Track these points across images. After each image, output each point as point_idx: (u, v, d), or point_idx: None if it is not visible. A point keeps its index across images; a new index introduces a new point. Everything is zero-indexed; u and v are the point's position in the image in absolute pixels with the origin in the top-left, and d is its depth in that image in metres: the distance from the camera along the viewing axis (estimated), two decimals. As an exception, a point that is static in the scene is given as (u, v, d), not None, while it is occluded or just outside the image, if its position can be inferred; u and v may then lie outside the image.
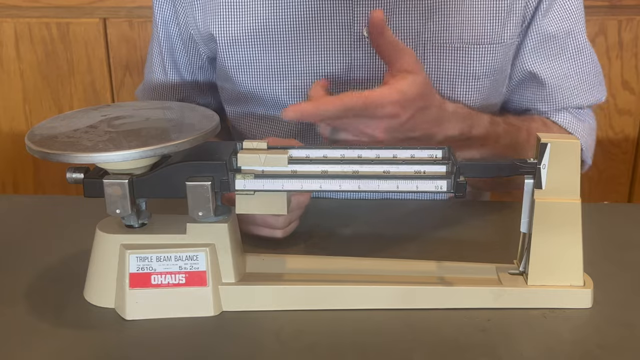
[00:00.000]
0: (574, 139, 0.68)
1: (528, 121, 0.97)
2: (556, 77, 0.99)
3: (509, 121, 0.93)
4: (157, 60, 1.05)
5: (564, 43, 0.98)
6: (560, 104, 1.00)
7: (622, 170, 1.72)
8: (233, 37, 0.95)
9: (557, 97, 1.00)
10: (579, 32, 0.98)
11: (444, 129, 0.81)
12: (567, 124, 1.01)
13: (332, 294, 0.70)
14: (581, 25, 0.99)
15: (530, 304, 0.70)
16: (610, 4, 1.57)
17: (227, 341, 0.66)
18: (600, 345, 0.64)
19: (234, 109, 1.04)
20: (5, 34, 1.65)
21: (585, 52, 1.00)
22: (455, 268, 0.74)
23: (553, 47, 0.97)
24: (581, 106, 1.03)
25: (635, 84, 1.64)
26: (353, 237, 0.86)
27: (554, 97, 1.00)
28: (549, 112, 1.01)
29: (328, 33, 0.93)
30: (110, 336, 0.67)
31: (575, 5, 0.97)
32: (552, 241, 0.69)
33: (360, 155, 0.69)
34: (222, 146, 0.70)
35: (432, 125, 0.79)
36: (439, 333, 0.66)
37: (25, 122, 1.73)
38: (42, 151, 0.63)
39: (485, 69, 0.94)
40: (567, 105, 1.01)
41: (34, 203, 1.00)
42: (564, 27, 0.97)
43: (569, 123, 1.01)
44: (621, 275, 0.76)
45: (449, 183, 0.65)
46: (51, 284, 0.75)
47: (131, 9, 1.61)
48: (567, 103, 1.01)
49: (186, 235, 0.69)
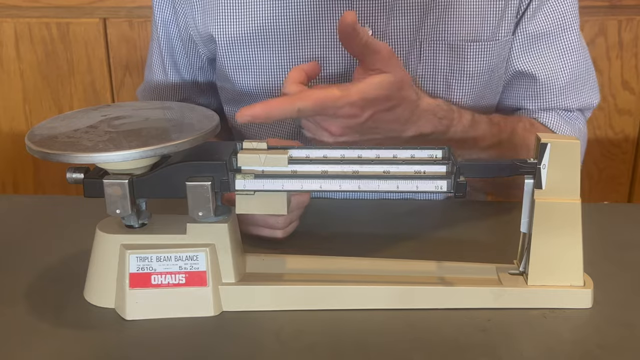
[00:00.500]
0: (574, 139, 0.68)
1: (514, 121, 0.95)
2: (545, 73, 0.97)
3: (494, 121, 0.92)
4: (157, 61, 1.06)
5: (554, 40, 0.96)
6: (549, 102, 0.99)
7: (622, 170, 1.72)
8: (232, 37, 0.95)
9: (545, 94, 0.98)
10: (571, 29, 0.97)
11: (413, 127, 0.80)
12: (554, 125, 0.99)
13: (332, 294, 0.70)
14: (574, 23, 0.97)
15: (530, 304, 0.70)
16: (610, 4, 1.57)
17: (227, 341, 0.66)
18: (600, 345, 0.64)
19: (233, 109, 1.04)
20: (5, 34, 1.65)
21: (577, 51, 0.98)
22: (455, 268, 0.74)
23: (542, 44, 0.96)
24: (570, 109, 1.01)
25: (635, 84, 1.64)
26: (353, 237, 0.86)
27: (542, 95, 0.98)
28: (537, 110, 1.00)
29: (327, 32, 0.93)
30: (110, 336, 0.67)
31: (567, 3, 0.96)
32: (552, 241, 0.69)
33: (360, 155, 0.69)
34: (222, 146, 0.70)
35: (398, 124, 0.78)
36: (439, 333, 0.66)
37: (25, 122, 1.72)
38: (42, 151, 0.63)
39: (480, 67, 0.94)
40: (556, 106, 1.00)
41: (34, 203, 1.00)
42: (554, 25, 0.96)
43: (556, 124, 0.99)
44: (621, 275, 0.76)
45: (449, 183, 0.65)
46: (51, 284, 0.75)
47: (131, 9, 1.61)
48: (556, 103, 0.99)
49: (186, 235, 0.69)
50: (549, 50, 0.97)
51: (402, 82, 0.75)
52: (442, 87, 0.95)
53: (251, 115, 0.67)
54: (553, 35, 0.96)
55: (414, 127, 0.80)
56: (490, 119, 0.91)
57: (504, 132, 0.92)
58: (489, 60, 0.94)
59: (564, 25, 0.97)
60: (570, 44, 0.97)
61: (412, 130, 0.80)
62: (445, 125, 0.83)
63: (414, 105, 0.78)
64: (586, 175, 1.70)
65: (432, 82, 0.95)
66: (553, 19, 0.96)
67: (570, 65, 0.98)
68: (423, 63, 0.94)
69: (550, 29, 0.96)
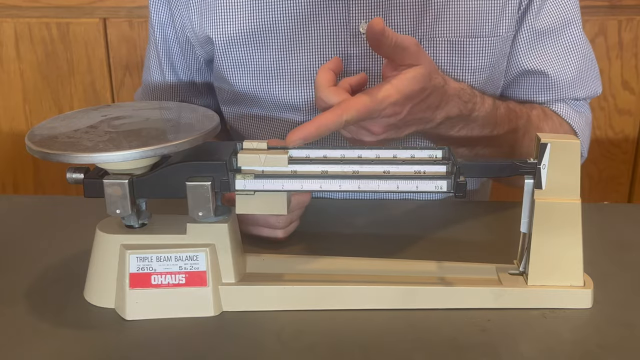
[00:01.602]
0: (574, 139, 0.68)
1: (528, 108, 0.98)
2: (554, 68, 0.99)
3: (511, 107, 0.94)
4: (155, 63, 1.05)
5: (560, 35, 0.98)
6: (559, 95, 1.01)
7: (622, 170, 1.72)
8: (230, 38, 0.95)
9: (556, 88, 1.00)
10: (574, 24, 0.99)
11: (442, 112, 0.80)
12: (565, 114, 1.01)
13: (332, 294, 0.70)
14: (577, 18, 0.99)
15: (530, 304, 0.70)
16: (610, 4, 1.57)
17: (227, 341, 0.66)
18: (600, 345, 0.64)
19: (231, 109, 1.04)
20: (5, 34, 1.65)
21: (582, 44, 1.00)
22: (455, 268, 0.74)
23: (549, 40, 0.98)
24: (578, 98, 1.04)
25: (635, 84, 1.64)
26: (353, 237, 0.86)
27: (552, 89, 1.00)
28: (548, 102, 1.02)
29: (324, 32, 0.93)
30: (110, 336, 0.67)
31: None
32: (552, 241, 0.69)
33: (360, 155, 0.69)
34: (222, 146, 0.70)
35: (430, 111, 0.79)
36: (439, 333, 0.66)
37: (25, 122, 1.72)
38: (42, 151, 0.63)
39: (481, 63, 0.95)
40: (565, 97, 1.02)
41: (34, 203, 1.00)
42: (560, 20, 0.97)
43: (567, 114, 1.02)
44: (621, 275, 0.76)
45: (449, 183, 0.65)
46: (51, 284, 0.75)
47: (131, 9, 1.61)
48: (565, 94, 1.01)
49: (186, 235, 0.69)
50: (556, 46, 0.98)
51: (431, 71, 0.76)
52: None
53: (303, 138, 0.67)
54: (559, 31, 0.98)
55: (442, 111, 0.80)
56: (507, 105, 0.93)
57: (520, 119, 0.94)
58: (490, 56, 0.95)
59: (568, 19, 0.98)
60: (576, 37, 0.99)
61: (441, 115, 0.80)
62: (469, 109, 0.84)
63: (442, 90, 0.79)
64: (586, 175, 1.70)
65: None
66: (558, 14, 0.97)
67: (577, 58, 1.00)
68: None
69: (556, 25, 0.97)
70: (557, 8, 0.97)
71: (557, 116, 1.01)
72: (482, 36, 0.94)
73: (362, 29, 0.92)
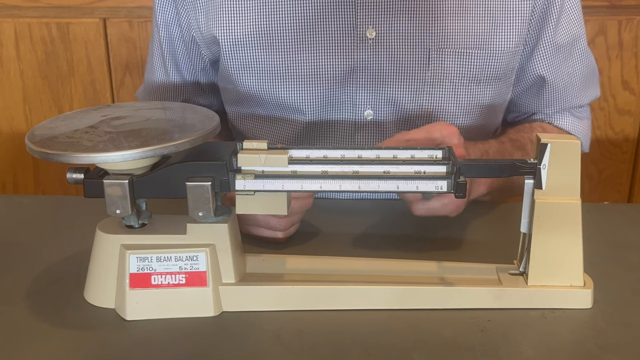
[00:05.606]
0: (574, 139, 0.68)
1: (528, 131, 1.01)
2: (563, 81, 1.02)
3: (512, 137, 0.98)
4: (159, 62, 1.05)
5: (570, 49, 1.01)
6: (565, 105, 1.04)
7: (622, 170, 1.72)
8: (236, 39, 0.95)
9: (562, 99, 1.03)
10: (582, 37, 1.02)
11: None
12: (568, 126, 1.05)
13: (332, 294, 0.70)
14: (583, 30, 1.02)
15: (530, 304, 0.70)
16: (610, 4, 1.57)
17: (227, 341, 0.66)
18: (600, 345, 0.64)
19: (235, 109, 1.04)
20: (5, 34, 1.65)
21: (587, 56, 1.04)
22: (455, 268, 0.74)
23: (563, 53, 1.00)
24: (582, 105, 1.06)
25: (635, 84, 1.64)
26: (353, 237, 0.86)
27: (559, 100, 1.03)
28: (552, 114, 1.05)
29: (331, 35, 0.93)
30: (110, 336, 0.67)
31: (577, 11, 1.00)
32: (552, 241, 0.69)
33: (361, 155, 0.69)
34: (222, 146, 0.70)
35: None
36: (439, 333, 0.66)
37: (25, 122, 1.72)
38: (43, 151, 0.63)
39: (488, 75, 0.96)
40: (570, 106, 1.05)
41: (34, 203, 1.00)
42: (571, 35, 1.00)
43: (570, 125, 1.05)
44: (621, 275, 0.76)
45: (449, 183, 0.65)
46: (51, 284, 0.75)
47: (131, 9, 1.61)
48: (571, 104, 1.04)
49: (186, 235, 0.69)
50: (567, 59, 1.01)
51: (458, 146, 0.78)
52: (450, 93, 0.96)
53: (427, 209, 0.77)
54: (571, 45, 1.01)
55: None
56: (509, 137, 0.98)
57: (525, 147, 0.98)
58: (497, 69, 0.96)
59: (579, 33, 1.01)
60: (583, 50, 1.03)
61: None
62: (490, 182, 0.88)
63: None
64: (586, 175, 1.70)
65: (440, 88, 0.96)
66: (572, 28, 1.00)
67: (584, 70, 1.04)
68: (432, 69, 0.95)
69: (570, 39, 1.00)
70: (570, 23, 0.99)
71: (558, 130, 1.04)
72: (490, 49, 0.95)
73: (369, 34, 0.93)
